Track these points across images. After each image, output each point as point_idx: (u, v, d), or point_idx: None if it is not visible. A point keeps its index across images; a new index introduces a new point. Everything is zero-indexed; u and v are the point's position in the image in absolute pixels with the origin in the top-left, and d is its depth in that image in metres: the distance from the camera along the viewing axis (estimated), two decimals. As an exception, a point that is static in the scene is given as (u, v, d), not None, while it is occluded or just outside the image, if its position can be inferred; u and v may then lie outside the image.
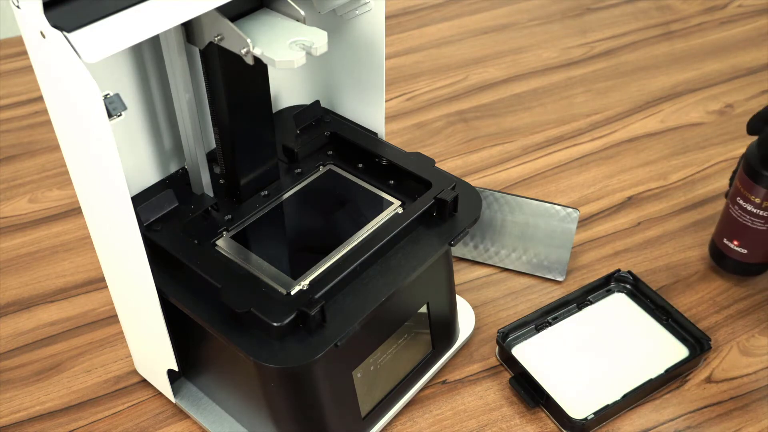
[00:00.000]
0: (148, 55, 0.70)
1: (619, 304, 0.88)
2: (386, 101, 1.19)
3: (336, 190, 0.78)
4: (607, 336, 0.84)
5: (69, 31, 0.52)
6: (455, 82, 1.25)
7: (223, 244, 0.71)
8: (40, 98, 1.18)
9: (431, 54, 1.31)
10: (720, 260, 0.91)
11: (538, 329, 0.85)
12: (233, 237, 0.72)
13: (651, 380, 0.79)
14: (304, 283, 0.67)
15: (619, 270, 0.89)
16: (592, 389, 0.79)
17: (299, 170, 0.79)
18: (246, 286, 0.66)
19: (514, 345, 0.83)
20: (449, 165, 1.08)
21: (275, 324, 0.62)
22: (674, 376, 0.81)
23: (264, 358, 0.61)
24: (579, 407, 0.77)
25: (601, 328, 0.85)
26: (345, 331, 0.63)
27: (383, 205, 0.75)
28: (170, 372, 0.75)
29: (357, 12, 0.74)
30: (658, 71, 1.27)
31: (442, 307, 0.80)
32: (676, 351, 0.82)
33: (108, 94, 0.53)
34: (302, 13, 0.64)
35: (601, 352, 0.83)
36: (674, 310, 0.85)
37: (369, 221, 0.73)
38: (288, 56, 0.61)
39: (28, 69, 1.24)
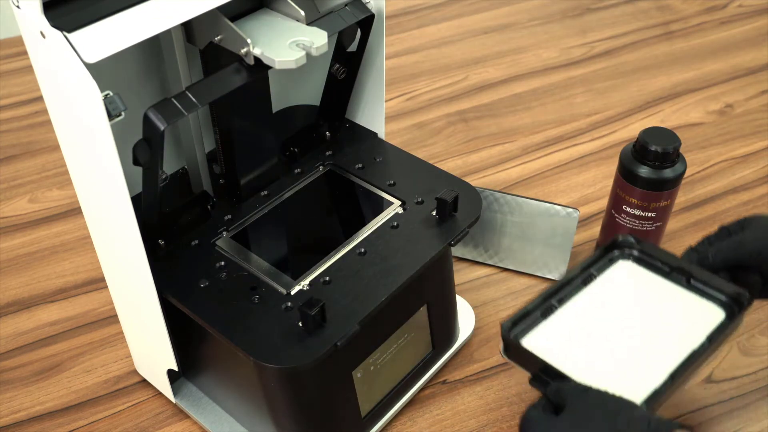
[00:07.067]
0: (148, 55, 0.70)
1: (627, 273, 0.74)
2: (386, 101, 1.19)
3: (336, 190, 0.79)
4: (625, 310, 0.71)
5: (69, 31, 0.52)
6: (455, 82, 1.25)
7: (223, 244, 0.71)
8: (40, 98, 1.18)
9: (431, 54, 1.31)
10: None
11: (545, 315, 0.71)
12: (233, 237, 0.72)
13: (695, 352, 0.65)
14: (304, 283, 0.67)
15: (618, 235, 0.75)
16: (630, 374, 0.65)
17: (299, 170, 0.79)
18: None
19: (521, 338, 0.69)
20: (449, 165, 1.08)
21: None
22: (718, 344, 0.68)
23: (264, 358, 0.61)
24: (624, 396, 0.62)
25: (615, 302, 0.71)
26: (345, 331, 0.63)
27: (383, 205, 0.75)
28: (170, 372, 0.75)
29: (357, 12, 0.74)
30: (658, 71, 1.27)
31: (442, 307, 0.80)
32: (709, 314, 0.69)
33: (108, 94, 0.53)
34: (302, 13, 0.64)
35: (624, 330, 0.69)
36: (695, 268, 0.71)
37: (369, 221, 0.73)
38: (288, 56, 0.61)
39: (28, 69, 1.24)
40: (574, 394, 0.59)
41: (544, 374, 0.65)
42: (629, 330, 0.69)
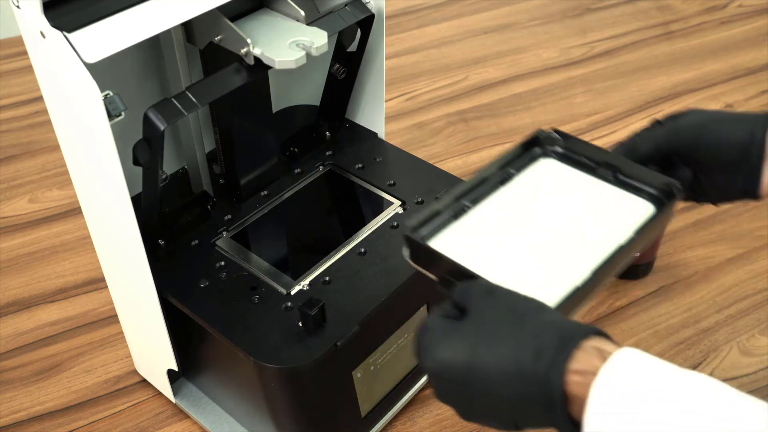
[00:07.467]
0: (148, 55, 0.70)
1: (550, 171, 0.66)
2: (386, 101, 1.19)
3: (336, 190, 0.79)
4: (547, 209, 0.63)
5: (69, 31, 0.52)
6: (455, 82, 1.25)
7: (223, 244, 0.71)
8: (40, 98, 1.17)
9: (431, 54, 1.31)
10: None
11: (456, 216, 0.62)
12: (233, 237, 0.72)
13: (622, 247, 0.58)
14: (304, 283, 0.67)
15: (540, 130, 0.66)
16: (550, 273, 0.58)
17: (299, 170, 0.79)
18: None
19: (428, 240, 0.60)
20: (449, 165, 1.08)
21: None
22: (648, 239, 0.63)
23: (264, 358, 0.61)
24: (539, 297, 0.53)
25: (536, 201, 0.64)
26: (345, 331, 0.63)
27: (383, 205, 0.75)
28: (170, 372, 0.75)
29: (357, 12, 0.74)
30: (658, 71, 1.27)
31: (442, 307, 0.80)
32: (639, 208, 0.63)
33: (108, 94, 0.53)
34: (302, 13, 0.64)
35: (545, 229, 0.62)
36: (623, 160, 0.64)
37: (369, 221, 0.73)
38: (288, 56, 0.61)
39: (28, 69, 1.23)
40: (480, 296, 0.50)
41: (451, 276, 0.56)
42: (550, 229, 0.62)
